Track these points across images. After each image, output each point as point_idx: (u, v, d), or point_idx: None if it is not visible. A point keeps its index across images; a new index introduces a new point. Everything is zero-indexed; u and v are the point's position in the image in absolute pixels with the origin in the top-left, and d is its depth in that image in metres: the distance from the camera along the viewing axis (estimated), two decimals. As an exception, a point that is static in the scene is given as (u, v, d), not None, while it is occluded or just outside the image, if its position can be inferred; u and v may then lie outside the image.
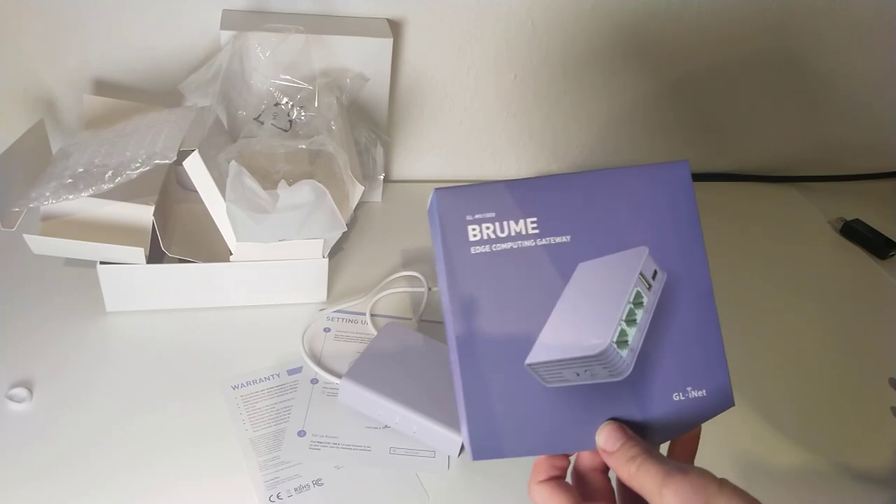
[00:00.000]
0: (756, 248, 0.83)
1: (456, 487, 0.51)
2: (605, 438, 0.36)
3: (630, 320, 0.37)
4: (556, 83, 0.84)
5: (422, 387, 0.55)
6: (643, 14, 0.80)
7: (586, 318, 0.37)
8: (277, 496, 0.49)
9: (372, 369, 0.56)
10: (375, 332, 0.63)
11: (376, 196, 0.81)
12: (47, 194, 0.55)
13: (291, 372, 0.59)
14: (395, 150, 0.85)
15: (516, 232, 0.37)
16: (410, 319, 0.65)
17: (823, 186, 0.97)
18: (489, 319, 0.37)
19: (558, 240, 0.38)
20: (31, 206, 0.55)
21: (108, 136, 0.62)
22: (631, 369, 0.37)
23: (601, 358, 0.37)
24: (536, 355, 0.37)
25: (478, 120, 0.85)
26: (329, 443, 0.53)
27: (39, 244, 0.57)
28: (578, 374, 0.37)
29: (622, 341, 0.37)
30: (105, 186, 0.55)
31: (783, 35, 0.86)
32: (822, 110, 0.94)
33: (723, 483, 0.32)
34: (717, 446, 0.57)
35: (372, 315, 0.66)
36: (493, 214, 0.37)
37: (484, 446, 0.37)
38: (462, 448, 0.53)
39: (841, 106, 0.94)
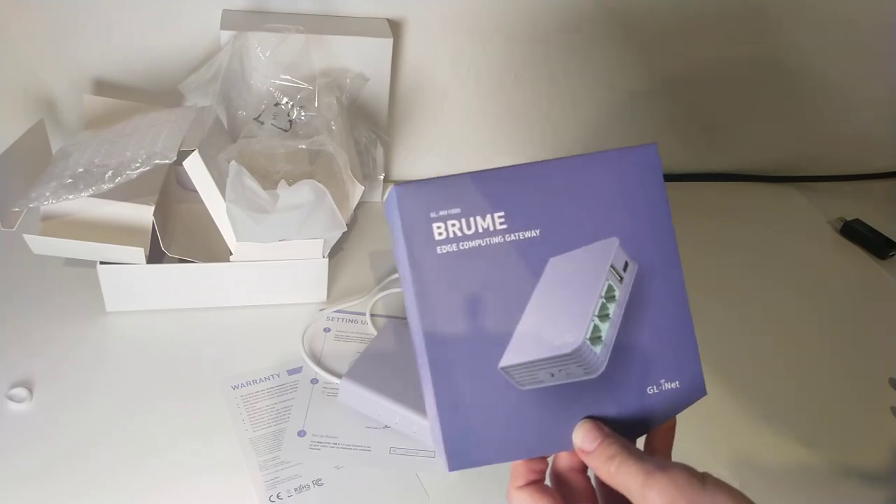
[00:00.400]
0: (756, 249, 0.83)
1: (456, 487, 0.51)
2: (583, 438, 0.35)
3: (603, 315, 0.36)
4: (556, 83, 0.84)
5: (422, 387, 0.55)
6: (643, 14, 0.80)
7: (559, 316, 0.36)
8: (277, 496, 0.49)
9: (372, 369, 0.56)
10: (375, 332, 0.63)
11: (376, 196, 0.81)
12: (47, 194, 0.55)
13: (291, 372, 0.59)
14: (395, 150, 0.85)
15: (484, 228, 0.35)
16: (410, 319, 0.65)
17: (823, 186, 0.97)
18: (460, 323, 0.35)
19: (527, 234, 0.36)
20: (31, 206, 0.55)
21: (108, 136, 0.62)
22: (605, 365, 0.36)
23: (575, 356, 0.36)
24: (510, 358, 0.35)
25: (478, 120, 0.85)
26: (329, 443, 0.53)
27: (39, 244, 0.57)
28: (553, 375, 0.36)
29: (595, 337, 0.36)
30: (105, 186, 0.55)
31: (783, 34, 0.86)
32: (821, 110, 0.94)
33: (705, 477, 0.31)
34: (716, 446, 0.57)
35: (372, 315, 0.66)
36: (458, 210, 0.35)
37: (460, 456, 0.35)
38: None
39: (841, 106, 0.94)
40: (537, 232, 0.36)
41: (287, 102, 0.66)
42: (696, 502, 0.30)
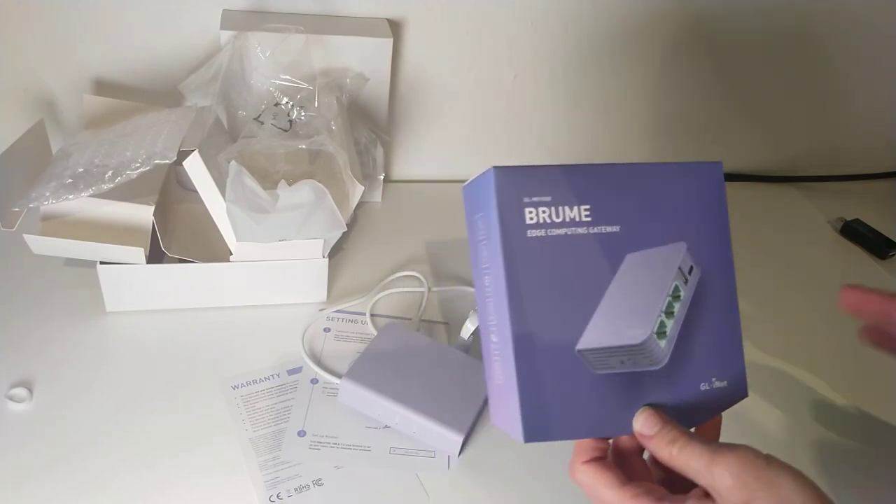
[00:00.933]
0: (756, 249, 0.83)
1: (456, 487, 0.51)
2: (643, 423, 0.37)
3: (668, 312, 0.39)
4: (556, 83, 0.84)
5: (422, 387, 0.55)
6: (644, 14, 0.80)
7: (631, 309, 0.38)
8: (277, 496, 0.49)
9: (372, 369, 0.56)
10: (375, 332, 0.63)
11: (376, 196, 0.81)
12: (47, 194, 0.55)
13: (291, 372, 0.59)
14: (395, 150, 0.85)
15: (570, 218, 0.38)
16: (410, 319, 0.65)
17: (823, 186, 0.97)
18: (544, 303, 0.37)
19: (609, 229, 0.38)
20: (31, 206, 0.55)
21: (108, 136, 0.62)
22: (668, 359, 0.39)
23: (642, 347, 0.38)
24: (587, 341, 0.37)
25: (478, 120, 0.85)
26: (329, 443, 0.53)
27: (39, 244, 0.57)
28: (623, 362, 0.38)
29: (661, 332, 0.39)
30: (105, 186, 0.55)
31: (785, 37, 0.86)
32: (822, 111, 0.94)
33: (769, 457, 0.33)
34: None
35: (372, 315, 0.66)
36: (549, 198, 0.37)
37: (535, 429, 0.37)
38: (462, 448, 0.53)
39: (841, 106, 0.94)
40: (618, 228, 0.38)
41: (287, 102, 0.66)
42: (763, 478, 0.32)
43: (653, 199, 0.39)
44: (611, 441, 0.40)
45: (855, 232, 0.86)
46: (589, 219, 0.38)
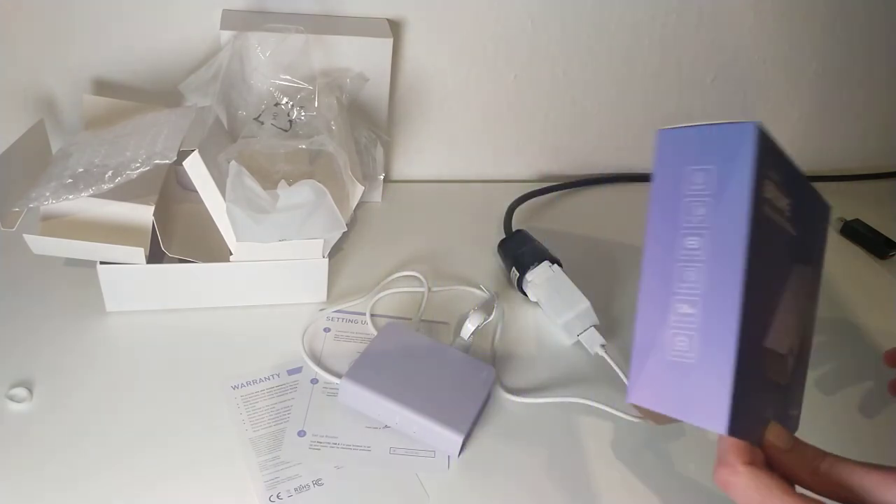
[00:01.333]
0: (756, 248, 0.83)
1: (456, 487, 0.51)
2: (777, 436, 0.37)
3: None
4: (556, 83, 0.84)
5: (422, 387, 0.55)
6: (644, 14, 0.80)
7: (788, 320, 0.37)
8: (277, 496, 0.49)
9: (372, 369, 0.56)
10: (375, 332, 0.63)
11: (376, 196, 0.81)
12: (47, 194, 0.55)
13: (291, 372, 0.59)
14: (395, 150, 0.85)
15: (780, 207, 0.34)
16: (410, 319, 0.65)
17: (823, 186, 0.96)
18: (758, 285, 0.33)
19: (792, 232, 0.36)
20: (31, 206, 0.55)
21: (108, 136, 0.62)
22: (789, 377, 0.38)
23: (785, 359, 0.38)
24: (771, 340, 0.35)
25: (478, 120, 0.85)
26: (329, 443, 0.53)
27: (39, 244, 0.57)
28: (773, 370, 0.37)
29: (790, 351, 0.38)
30: (105, 186, 0.55)
31: (783, 35, 0.86)
32: (821, 111, 0.94)
33: None
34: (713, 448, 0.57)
35: (372, 315, 0.66)
36: (778, 178, 0.33)
37: (739, 419, 0.33)
38: (462, 448, 0.53)
39: (840, 106, 0.94)
40: (796, 234, 0.37)
41: (287, 102, 0.66)
42: None
43: (806, 215, 0.38)
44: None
45: (855, 232, 0.86)
46: (788, 214, 0.35)
